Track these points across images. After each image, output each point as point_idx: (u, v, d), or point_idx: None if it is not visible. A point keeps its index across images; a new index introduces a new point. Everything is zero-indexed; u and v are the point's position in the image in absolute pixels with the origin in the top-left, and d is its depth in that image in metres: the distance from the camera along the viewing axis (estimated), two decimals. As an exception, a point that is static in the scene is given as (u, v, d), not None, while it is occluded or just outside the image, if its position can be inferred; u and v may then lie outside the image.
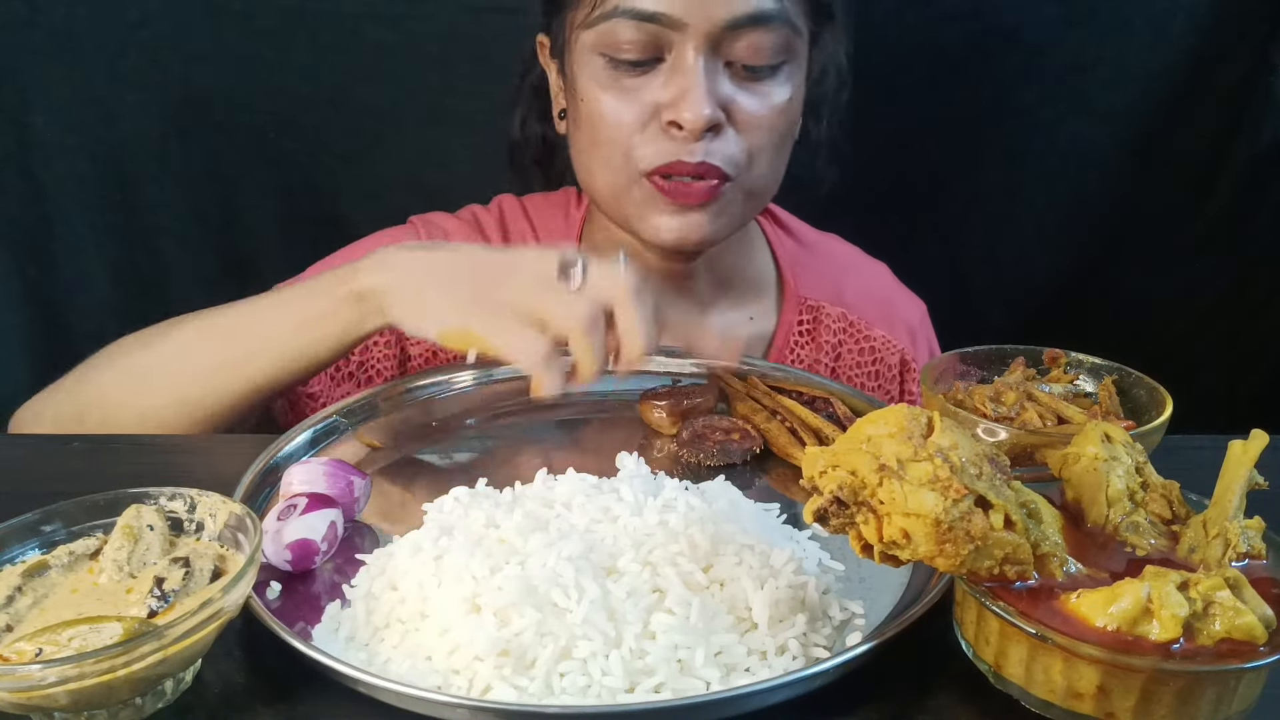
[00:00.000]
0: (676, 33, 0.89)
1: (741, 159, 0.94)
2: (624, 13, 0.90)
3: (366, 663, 0.59)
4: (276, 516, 0.67)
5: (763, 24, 0.90)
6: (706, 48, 0.90)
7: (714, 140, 0.92)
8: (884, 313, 1.17)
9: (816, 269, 1.17)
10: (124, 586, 0.58)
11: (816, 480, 0.54)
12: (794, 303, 1.14)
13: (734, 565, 0.63)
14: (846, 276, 1.18)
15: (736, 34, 0.90)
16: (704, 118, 0.89)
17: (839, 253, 1.22)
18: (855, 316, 1.15)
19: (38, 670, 0.49)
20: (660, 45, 0.91)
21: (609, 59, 0.93)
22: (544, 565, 0.61)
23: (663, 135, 0.92)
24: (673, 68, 0.91)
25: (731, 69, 0.92)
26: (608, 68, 0.93)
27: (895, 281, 1.22)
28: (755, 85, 0.94)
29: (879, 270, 1.22)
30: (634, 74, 0.93)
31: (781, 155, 1.00)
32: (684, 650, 0.58)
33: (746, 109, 0.93)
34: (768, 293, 1.16)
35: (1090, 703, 0.52)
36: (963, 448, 0.54)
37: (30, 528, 0.61)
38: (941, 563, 0.52)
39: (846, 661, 0.55)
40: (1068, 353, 0.82)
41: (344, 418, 0.86)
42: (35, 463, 0.85)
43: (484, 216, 1.13)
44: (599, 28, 0.92)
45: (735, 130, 0.93)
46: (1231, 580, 0.51)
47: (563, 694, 0.56)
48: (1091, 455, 0.60)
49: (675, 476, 0.76)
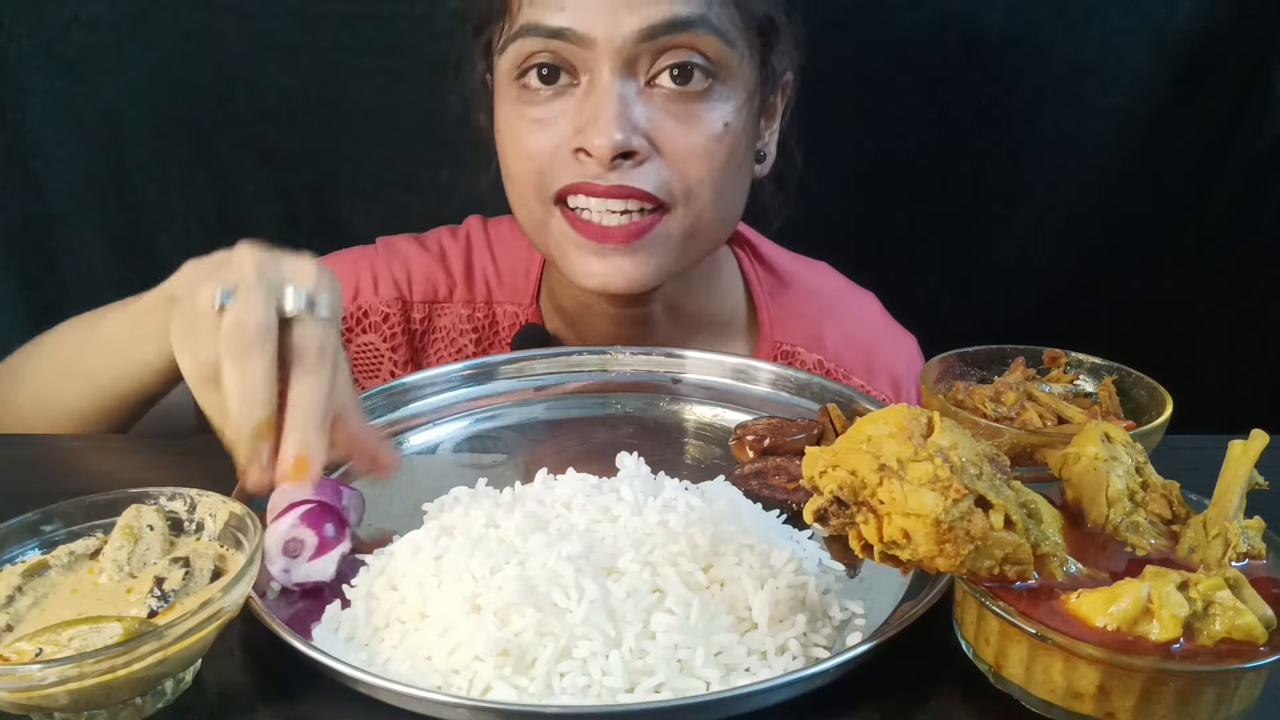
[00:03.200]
0: (587, 50, 0.83)
1: (676, 189, 0.87)
2: (530, 30, 0.84)
3: (366, 663, 0.59)
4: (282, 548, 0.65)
5: (681, 31, 0.82)
6: (621, 66, 0.82)
7: (632, 169, 0.84)
8: (865, 361, 1.08)
9: (795, 310, 1.09)
10: (124, 586, 0.58)
11: (816, 480, 0.54)
12: (768, 345, 1.06)
13: (734, 565, 0.63)
14: (827, 319, 1.09)
15: (654, 46, 0.82)
16: (613, 142, 0.82)
17: (822, 289, 1.13)
18: (832, 365, 1.06)
19: (38, 670, 0.49)
20: (574, 66, 0.85)
21: (522, 85, 0.87)
22: (544, 565, 0.61)
23: (574, 162, 0.86)
24: (586, 90, 0.84)
25: (654, 90, 0.85)
26: (521, 96, 0.87)
27: (884, 319, 1.13)
28: (683, 108, 0.85)
29: (866, 307, 1.13)
30: (547, 100, 0.86)
31: (726, 192, 0.90)
32: (684, 650, 0.58)
33: (672, 136, 0.85)
34: (739, 334, 1.08)
35: (1090, 703, 0.52)
36: (963, 448, 0.54)
37: (30, 528, 0.61)
38: (942, 563, 0.52)
39: (846, 661, 0.55)
40: (1068, 353, 0.82)
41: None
42: (35, 463, 0.85)
43: (450, 247, 1.08)
44: (509, 50, 0.86)
45: (663, 160, 0.86)
46: (1231, 580, 0.51)
47: (563, 694, 0.56)
48: (1091, 455, 0.60)
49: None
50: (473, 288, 1.06)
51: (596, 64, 0.83)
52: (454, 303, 1.05)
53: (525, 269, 1.07)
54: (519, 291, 1.06)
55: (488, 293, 1.06)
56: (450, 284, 1.06)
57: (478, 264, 1.07)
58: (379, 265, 1.05)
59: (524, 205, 0.92)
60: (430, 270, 1.06)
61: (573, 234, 0.88)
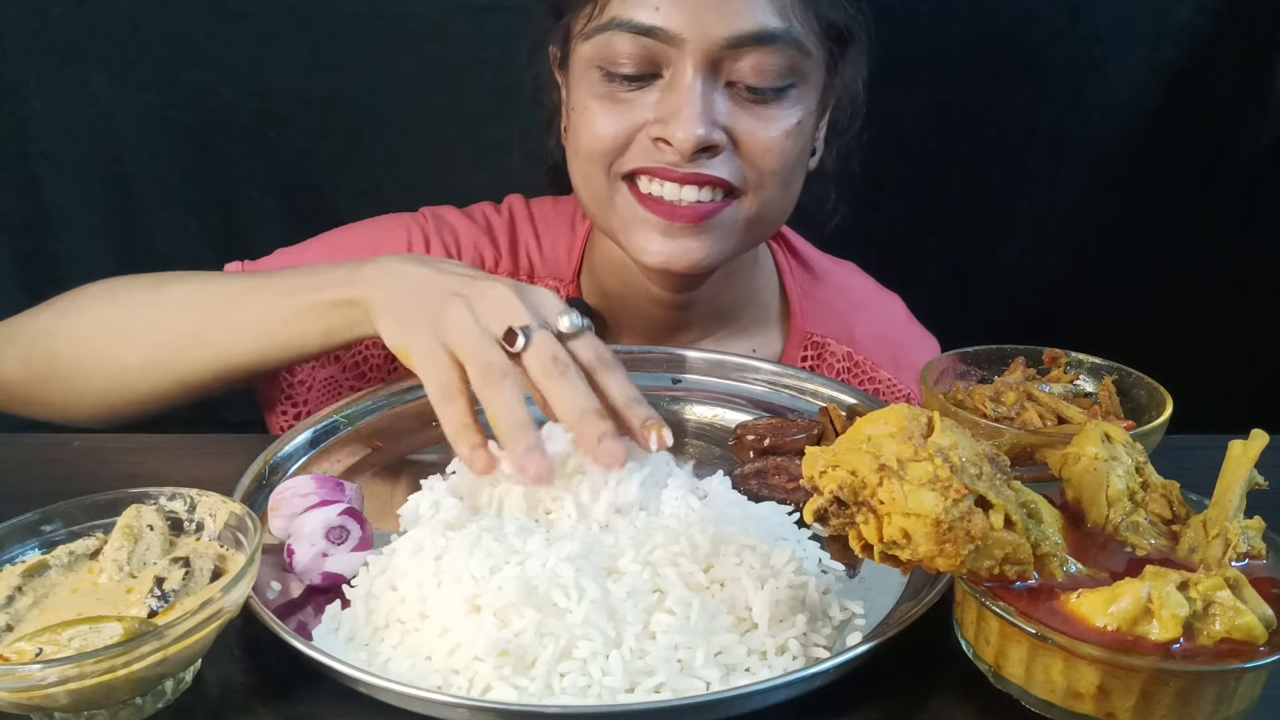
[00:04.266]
0: (674, 48, 0.86)
1: (749, 179, 0.91)
2: (620, 25, 0.86)
3: (366, 663, 0.59)
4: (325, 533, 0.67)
5: (766, 44, 0.85)
6: (706, 66, 0.86)
7: (709, 160, 0.88)
8: (892, 355, 1.13)
9: (826, 303, 1.13)
10: (124, 586, 0.58)
11: (817, 480, 0.54)
12: (799, 336, 1.10)
13: (734, 565, 0.63)
14: (857, 314, 1.14)
15: (738, 53, 0.86)
16: (695, 137, 0.85)
17: (852, 286, 1.18)
18: (861, 356, 1.11)
19: (38, 670, 0.49)
20: (658, 61, 0.87)
21: (604, 72, 0.89)
22: (544, 565, 0.61)
23: (651, 148, 0.89)
24: (669, 84, 0.87)
25: (734, 90, 0.88)
26: (603, 80, 0.90)
27: (909, 319, 1.18)
28: (760, 108, 0.89)
29: (892, 307, 1.18)
30: (629, 88, 0.89)
31: (791, 183, 0.95)
32: (684, 650, 0.58)
33: (750, 132, 0.89)
34: (772, 325, 1.12)
35: (1090, 703, 0.52)
36: (963, 448, 0.54)
37: (30, 528, 0.61)
38: (942, 563, 0.52)
39: (846, 661, 0.55)
40: (1068, 353, 0.82)
41: (344, 418, 0.86)
42: (35, 463, 0.85)
43: (494, 219, 1.10)
44: (595, 39, 0.89)
45: (738, 155, 0.90)
46: (1231, 580, 0.51)
47: (563, 694, 0.56)
48: (1091, 455, 0.60)
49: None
50: (517, 261, 1.09)
51: (681, 62, 0.86)
52: (499, 273, 1.07)
53: (567, 248, 1.09)
54: (561, 268, 1.08)
55: (530, 267, 1.09)
56: (496, 255, 1.08)
57: (521, 239, 1.10)
58: (429, 230, 1.07)
59: (589, 180, 0.94)
60: (478, 240, 1.08)
61: (640, 211, 0.91)
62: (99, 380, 0.88)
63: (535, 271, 1.08)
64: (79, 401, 0.91)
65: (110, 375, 0.88)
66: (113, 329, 0.89)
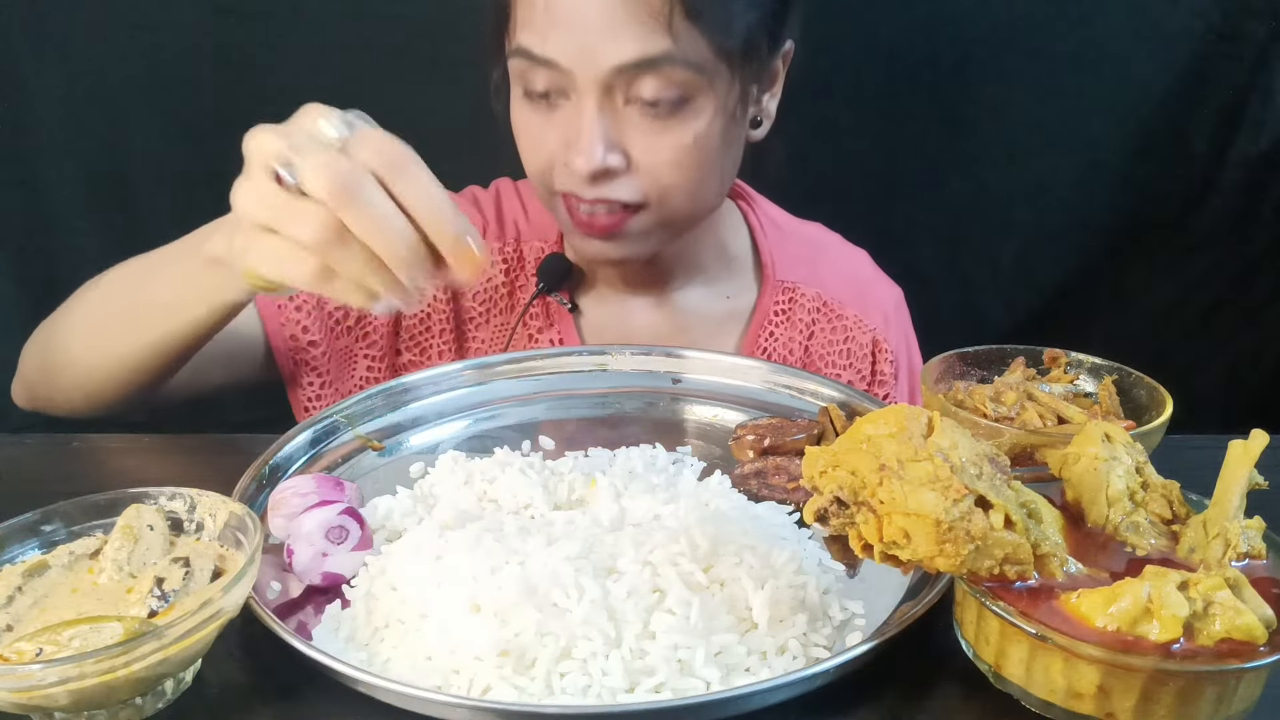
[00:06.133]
0: (569, 80, 0.90)
1: (651, 194, 0.94)
2: (523, 53, 0.91)
3: (366, 663, 0.59)
4: (325, 533, 0.67)
5: (653, 68, 0.89)
6: (599, 92, 0.90)
7: (610, 182, 0.93)
8: (859, 294, 1.17)
9: (794, 252, 1.18)
10: (124, 586, 0.58)
11: (817, 480, 0.54)
12: (772, 285, 1.14)
13: (734, 565, 0.63)
14: (824, 259, 1.19)
15: (630, 76, 0.89)
16: (592, 165, 0.90)
17: (819, 238, 1.23)
18: (829, 297, 1.15)
19: (38, 670, 0.49)
20: (563, 85, 0.92)
21: (524, 90, 0.95)
22: (544, 565, 0.61)
23: (564, 170, 0.94)
24: (574, 107, 0.92)
25: (636, 106, 0.91)
26: (525, 96, 0.95)
27: (874, 268, 1.23)
28: (660, 124, 0.92)
29: (858, 256, 1.23)
30: (545, 107, 0.94)
31: (703, 184, 0.98)
32: (684, 650, 0.58)
33: (648, 149, 0.92)
34: (745, 274, 1.16)
35: (1090, 703, 0.52)
36: (963, 448, 0.54)
37: (30, 528, 0.61)
38: (942, 563, 0.52)
39: (846, 661, 0.55)
40: (1068, 353, 0.82)
41: (344, 418, 0.86)
42: (35, 463, 0.85)
43: (482, 195, 1.16)
44: (513, 60, 0.94)
45: (637, 172, 0.93)
46: (1231, 580, 0.51)
47: (563, 694, 0.56)
48: (1091, 455, 0.60)
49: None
50: (504, 227, 1.14)
51: (579, 90, 0.91)
52: (487, 238, 1.12)
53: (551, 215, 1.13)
54: (546, 231, 1.14)
55: (517, 233, 1.14)
56: (484, 223, 1.13)
57: (508, 209, 1.15)
58: None
59: (535, 183, 1.01)
60: (468, 210, 1.13)
61: (569, 220, 0.99)
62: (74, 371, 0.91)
63: (521, 235, 1.14)
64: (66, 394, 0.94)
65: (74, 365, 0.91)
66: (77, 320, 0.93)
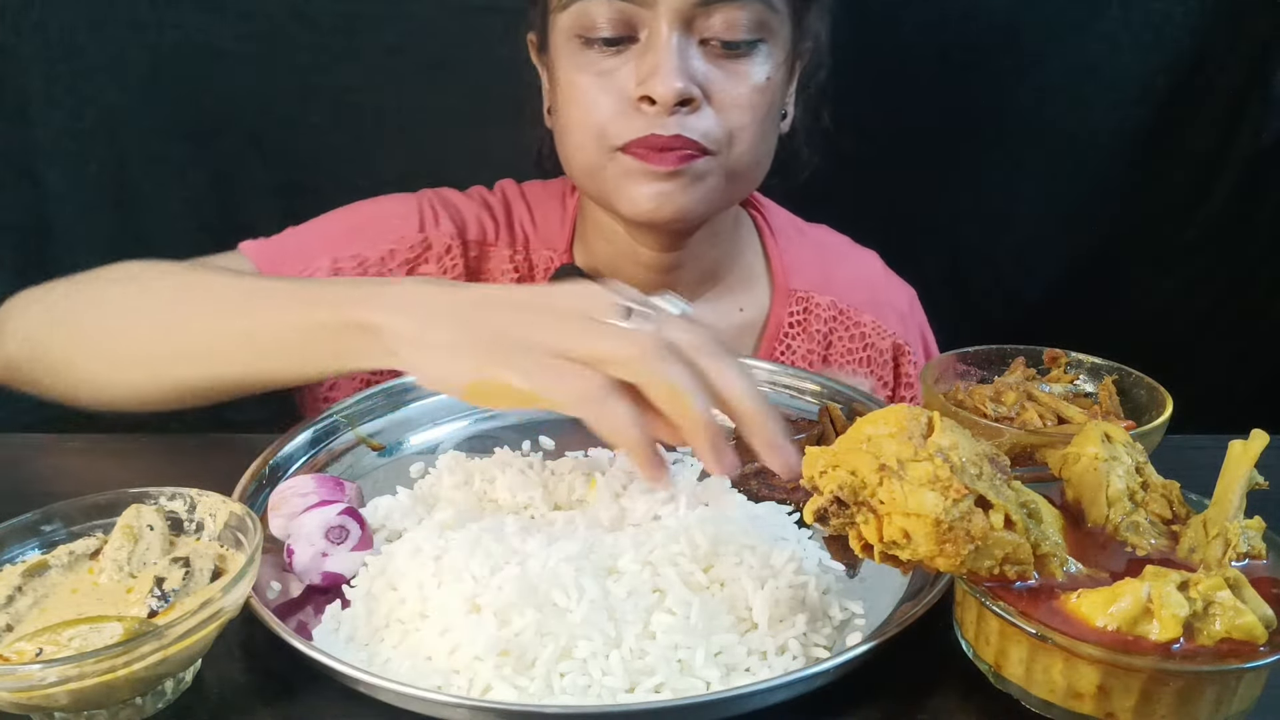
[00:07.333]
0: (648, 10, 0.90)
1: (721, 136, 0.94)
2: None
3: (366, 663, 0.59)
4: (325, 532, 0.67)
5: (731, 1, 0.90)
6: (679, 24, 0.90)
7: (688, 115, 0.92)
8: (873, 299, 1.17)
9: (805, 259, 1.17)
10: (124, 586, 0.58)
11: (817, 480, 0.54)
12: (784, 295, 1.14)
13: (734, 565, 0.63)
14: (835, 264, 1.19)
15: (709, 10, 0.90)
16: (675, 90, 0.89)
17: (828, 242, 1.22)
18: (845, 304, 1.15)
19: (38, 670, 0.49)
20: (633, 23, 0.91)
21: (583, 40, 0.93)
22: (544, 565, 0.61)
23: (636, 112, 0.93)
24: (646, 45, 0.91)
25: (707, 46, 0.92)
26: (583, 49, 0.94)
27: (884, 268, 1.22)
28: (732, 63, 0.93)
29: (868, 258, 1.23)
30: (608, 54, 0.93)
31: (765, 136, 0.99)
32: (684, 650, 0.58)
33: (723, 87, 0.93)
34: (758, 284, 1.16)
35: (1090, 703, 0.52)
36: (963, 448, 0.54)
37: (30, 528, 0.61)
38: (942, 563, 0.52)
39: (846, 661, 0.55)
40: (1068, 353, 0.82)
41: (344, 418, 0.86)
42: (35, 463, 0.85)
43: (490, 198, 1.15)
44: (572, 9, 0.93)
45: (712, 108, 0.93)
46: (1231, 580, 0.51)
47: (563, 694, 0.56)
48: (1091, 455, 0.60)
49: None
50: (513, 233, 1.13)
51: (655, 23, 0.90)
52: (498, 245, 1.12)
53: (559, 220, 1.14)
54: (555, 238, 1.13)
55: (526, 239, 1.13)
56: (495, 228, 1.12)
57: (515, 214, 1.14)
58: (436, 204, 1.11)
59: (582, 150, 0.98)
60: (479, 214, 1.12)
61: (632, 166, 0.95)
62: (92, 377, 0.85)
63: (530, 243, 1.13)
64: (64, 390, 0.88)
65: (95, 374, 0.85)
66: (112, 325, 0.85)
